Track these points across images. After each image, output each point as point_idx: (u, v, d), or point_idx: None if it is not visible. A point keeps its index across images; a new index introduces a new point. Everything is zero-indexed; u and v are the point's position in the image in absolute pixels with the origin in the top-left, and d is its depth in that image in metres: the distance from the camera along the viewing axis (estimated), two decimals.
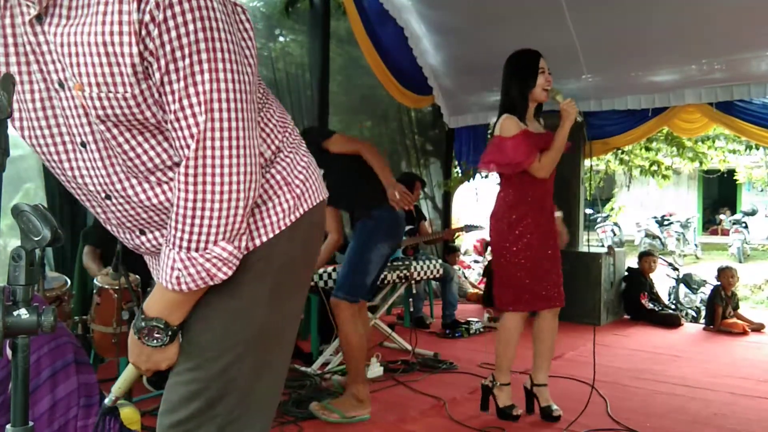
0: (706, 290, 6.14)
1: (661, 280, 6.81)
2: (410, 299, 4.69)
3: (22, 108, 1.02)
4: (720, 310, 5.10)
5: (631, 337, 4.83)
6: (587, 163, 5.75)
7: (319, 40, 5.02)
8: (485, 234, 7.63)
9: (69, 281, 2.99)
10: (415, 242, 4.95)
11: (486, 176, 6.18)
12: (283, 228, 1.07)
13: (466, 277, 7.22)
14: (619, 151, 7.29)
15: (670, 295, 6.71)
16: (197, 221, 0.94)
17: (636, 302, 5.48)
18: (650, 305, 5.51)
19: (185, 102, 0.91)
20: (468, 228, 5.64)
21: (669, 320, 5.28)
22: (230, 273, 0.99)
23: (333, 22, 5.25)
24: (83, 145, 1.01)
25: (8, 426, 0.86)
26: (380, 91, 5.74)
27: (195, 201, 0.93)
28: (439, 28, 5.64)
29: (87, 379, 1.79)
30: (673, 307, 6.18)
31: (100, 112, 0.94)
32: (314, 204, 1.13)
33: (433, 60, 5.93)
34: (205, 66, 0.90)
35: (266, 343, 1.09)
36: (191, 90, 0.91)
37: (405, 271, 3.80)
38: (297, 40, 5.42)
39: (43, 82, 0.98)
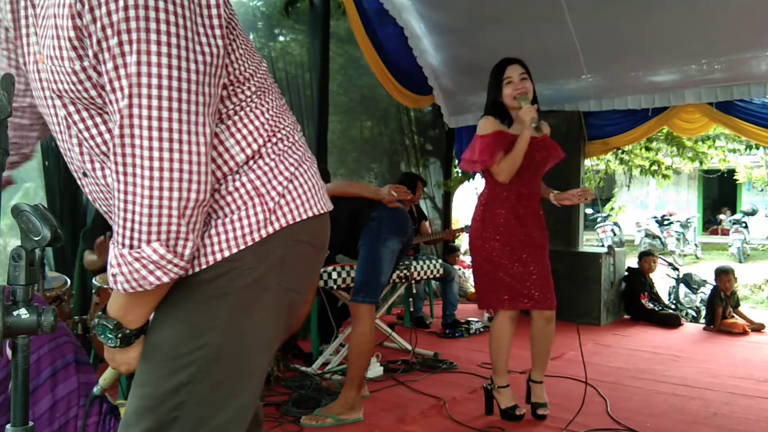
0: (706, 290, 6.14)
1: (661, 280, 6.82)
2: (410, 299, 4.69)
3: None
4: (720, 311, 5.10)
5: (631, 337, 4.83)
6: (587, 163, 5.75)
7: (319, 40, 5.02)
8: None
9: (69, 281, 2.99)
10: (416, 242, 4.95)
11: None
12: (248, 243, 0.96)
13: (466, 277, 7.22)
14: (619, 151, 7.28)
15: (670, 295, 6.71)
16: (128, 215, 0.85)
17: (636, 302, 5.48)
18: (650, 305, 5.51)
19: (115, 84, 0.83)
20: (468, 228, 5.63)
21: (669, 320, 5.28)
22: (166, 279, 0.89)
23: (333, 22, 5.25)
24: (58, 118, 0.98)
25: (8, 426, 0.86)
26: (380, 91, 5.74)
27: (126, 193, 0.85)
28: (439, 28, 5.64)
29: (87, 379, 1.79)
30: (673, 307, 6.18)
31: (53, 86, 0.91)
32: (297, 219, 1.01)
33: (433, 60, 5.93)
34: (134, 47, 0.81)
35: (227, 369, 0.97)
36: (120, 72, 0.82)
37: (405, 271, 3.80)
38: (297, 40, 5.42)
39: (32, 55, 0.98)
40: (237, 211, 0.97)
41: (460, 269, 6.86)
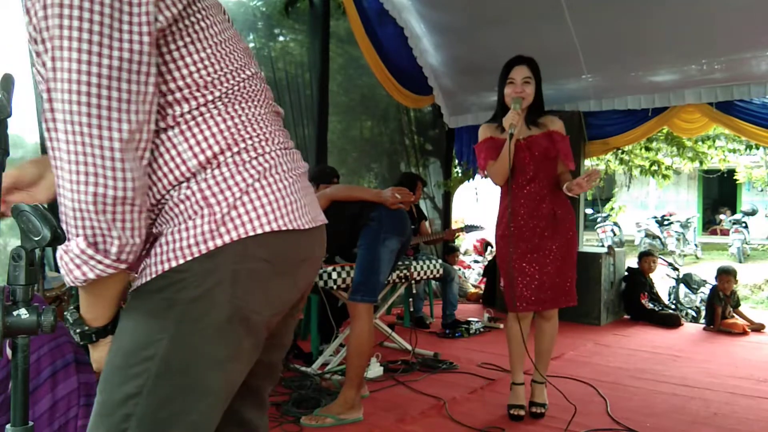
0: (706, 290, 6.13)
1: (661, 280, 6.82)
2: (410, 299, 4.69)
3: None
4: (719, 310, 5.10)
5: (631, 337, 4.83)
6: (587, 163, 5.75)
7: (319, 39, 5.02)
8: (485, 234, 7.64)
9: None
10: (416, 242, 4.95)
11: (485, 176, 6.19)
12: (195, 255, 0.93)
13: (466, 277, 7.22)
14: (619, 151, 7.28)
15: (670, 295, 6.71)
16: (61, 209, 0.88)
17: (636, 302, 5.48)
18: (650, 305, 5.51)
19: (43, 85, 0.86)
20: (468, 228, 5.64)
21: (669, 320, 5.27)
22: (92, 276, 0.89)
23: (333, 22, 5.25)
24: None
25: (8, 426, 0.86)
26: (380, 91, 5.74)
27: (58, 187, 0.87)
28: (439, 28, 5.64)
29: (87, 379, 1.78)
30: (673, 307, 6.18)
31: (37, 68, 0.92)
32: (250, 234, 0.95)
33: (433, 60, 5.93)
34: (49, 45, 0.83)
35: (174, 385, 0.94)
36: (42, 71, 0.85)
37: (405, 271, 3.80)
38: (297, 40, 5.42)
39: None
40: (186, 220, 0.95)
41: (459, 269, 6.86)
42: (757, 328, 5.11)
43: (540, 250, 2.80)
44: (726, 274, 5.24)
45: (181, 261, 0.94)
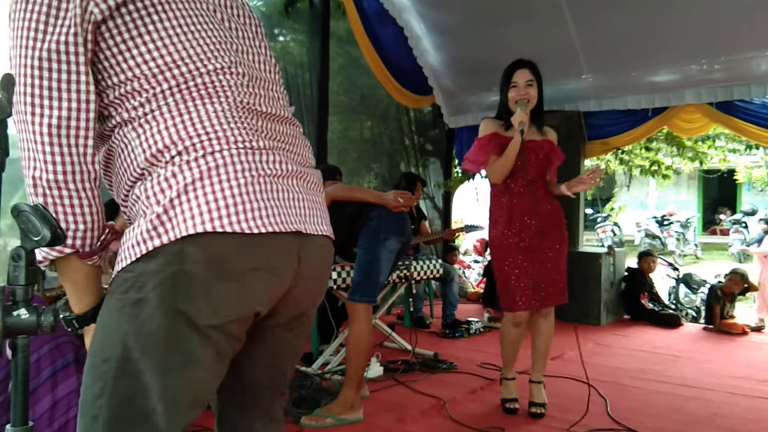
0: (706, 290, 6.13)
1: (661, 280, 6.81)
2: (410, 299, 4.69)
3: None
4: (717, 310, 5.10)
5: (631, 337, 4.83)
6: (587, 163, 5.74)
7: (319, 40, 5.02)
8: (485, 234, 7.64)
9: None
10: (416, 242, 4.95)
11: (485, 176, 6.20)
12: (137, 255, 0.93)
13: (466, 277, 7.22)
14: (619, 151, 7.28)
15: (670, 295, 6.71)
16: None
17: (636, 302, 5.48)
18: (650, 305, 5.51)
19: None
20: (468, 228, 5.64)
21: (669, 320, 5.27)
22: (40, 258, 0.95)
23: (333, 22, 5.24)
24: None
25: (8, 426, 0.86)
26: (380, 91, 5.74)
27: None
28: (439, 28, 5.64)
29: None
30: (673, 307, 6.18)
31: None
32: (184, 234, 0.91)
33: (433, 60, 5.93)
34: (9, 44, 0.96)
35: (130, 388, 0.93)
36: None
37: (405, 271, 3.80)
38: (297, 40, 5.42)
39: None
40: (137, 219, 0.96)
41: (459, 269, 6.86)
42: (757, 328, 5.11)
43: (537, 250, 2.83)
44: (735, 275, 5.24)
45: (129, 261, 0.94)
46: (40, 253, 0.94)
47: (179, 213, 0.92)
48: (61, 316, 0.98)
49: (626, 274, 5.66)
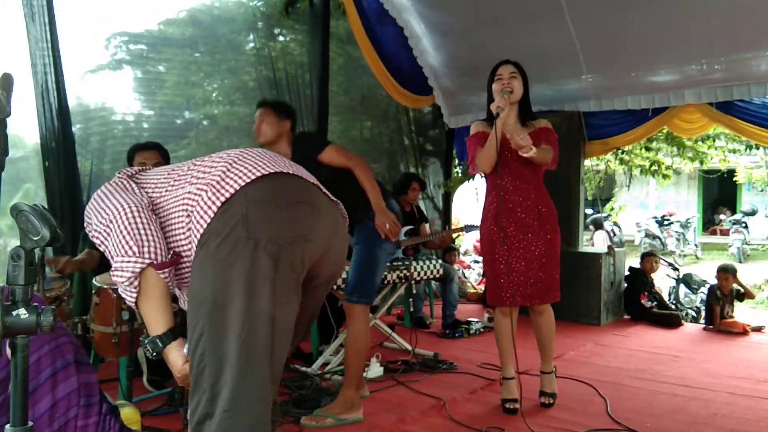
0: (706, 290, 6.14)
1: (662, 280, 6.81)
2: (410, 299, 4.69)
3: None
4: (717, 310, 5.10)
5: (631, 337, 4.83)
6: (587, 163, 5.74)
7: (319, 40, 5.02)
8: None
9: (69, 281, 2.98)
10: (416, 242, 4.94)
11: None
12: (211, 217, 1.33)
13: (466, 277, 7.22)
14: (619, 151, 7.27)
15: (670, 295, 6.71)
16: None
17: (636, 302, 5.48)
18: (650, 305, 5.51)
19: None
20: (468, 228, 5.63)
21: (669, 320, 5.27)
22: (128, 275, 1.31)
23: (333, 22, 5.25)
24: None
25: (8, 426, 0.86)
26: (380, 91, 5.74)
27: None
28: (439, 28, 5.64)
29: (87, 379, 1.78)
30: (673, 307, 6.18)
31: None
32: (248, 181, 1.35)
33: (433, 60, 5.93)
34: None
35: (225, 317, 1.24)
36: None
37: (405, 271, 3.80)
38: (297, 40, 5.42)
39: None
40: (199, 202, 1.40)
41: (459, 269, 6.86)
42: (757, 328, 5.11)
43: (523, 247, 2.85)
44: (724, 272, 5.24)
45: (204, 225, 1.29)
46: (124, 274, 1.28)
47: (233, 176, 1.33)
48: (146, 342, 1.30)
49: (628, 273, 5.65)
